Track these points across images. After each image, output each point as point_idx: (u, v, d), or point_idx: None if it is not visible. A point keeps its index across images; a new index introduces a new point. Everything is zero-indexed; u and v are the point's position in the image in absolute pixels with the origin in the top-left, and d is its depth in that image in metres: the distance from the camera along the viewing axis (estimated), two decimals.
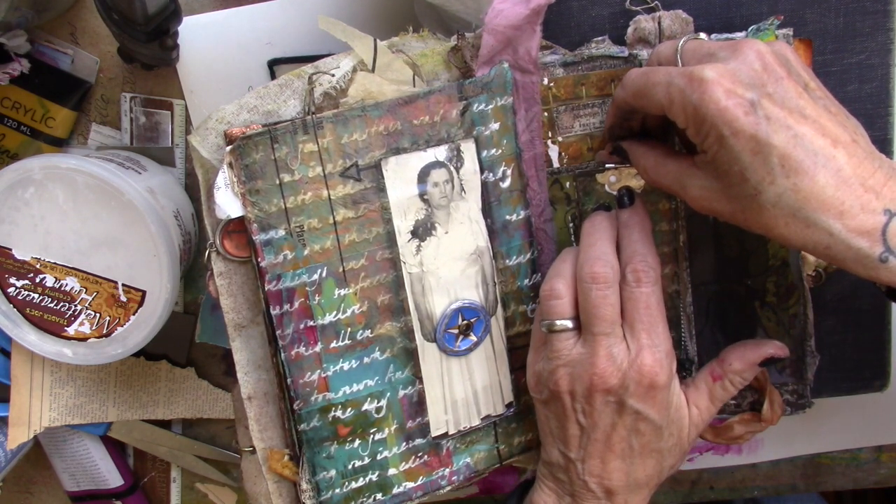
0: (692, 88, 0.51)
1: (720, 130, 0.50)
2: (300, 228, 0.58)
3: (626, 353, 0.57)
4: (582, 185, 0.65)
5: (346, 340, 0.61)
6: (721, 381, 0.61)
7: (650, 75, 0.54)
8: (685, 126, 0.53)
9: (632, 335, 0.57)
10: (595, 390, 0.57)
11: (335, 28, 0.60)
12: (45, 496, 0.82)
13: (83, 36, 0.70)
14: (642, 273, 0.57)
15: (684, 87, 0.51)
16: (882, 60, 0.67)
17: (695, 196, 0.54)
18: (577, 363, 0.58)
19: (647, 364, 0.56)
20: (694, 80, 0.51)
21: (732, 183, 0.52)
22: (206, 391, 0.76)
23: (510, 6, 0.59)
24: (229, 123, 0.59)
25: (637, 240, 0.59)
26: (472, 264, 0.63)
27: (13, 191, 0.63)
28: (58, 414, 0.74)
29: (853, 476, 0.81)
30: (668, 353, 0.57)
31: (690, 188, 0.55)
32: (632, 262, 0.57)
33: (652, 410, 0.57)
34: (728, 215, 0.53)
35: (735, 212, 0.53)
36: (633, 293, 0.57)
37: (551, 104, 0.64)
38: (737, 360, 0.61)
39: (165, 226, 0.64)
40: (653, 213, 0.63)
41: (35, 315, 0.66)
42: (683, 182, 0.55)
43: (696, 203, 0.55)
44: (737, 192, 0.52)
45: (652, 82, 0.54)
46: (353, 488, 0.63)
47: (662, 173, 0.57)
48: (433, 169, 0.61)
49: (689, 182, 0.55)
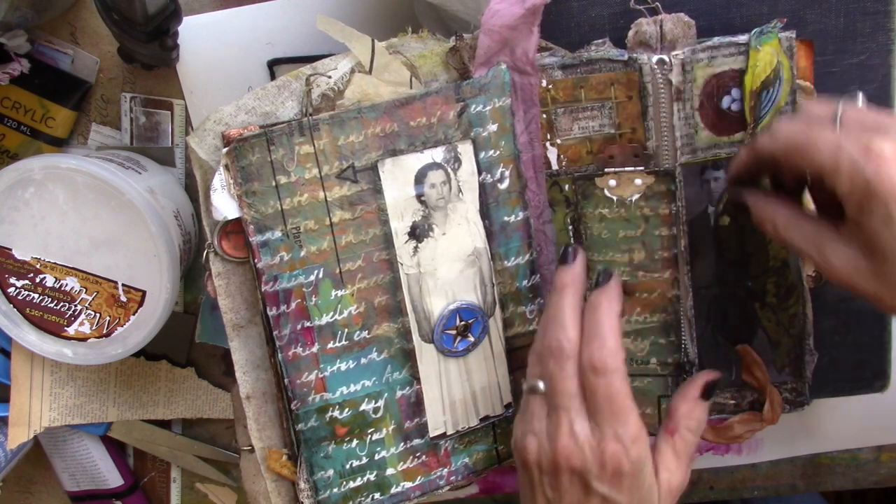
0: (868, 160, 0.49)
1: (891, 210, 0.49)
2: (297, 230, 0.58)
3: (590, 432, 0.55)
4: (581, 188, 0.65)
5: (344, 341, 0.61)
6: (677, 432, 0.59)
7: (815, 135, 0.52)
8: (847, 196, 0.50)
9: (594, 421, 0.55)
10: (559, 468, 0.55)
11: (333, 28, 0.60)
12: (45, 496, 0.82)
13: (83, 36, 0.70)
14: (598, 363, 0.54)
15: (857, 158, 0.49)
16: (883, 61, 0.66)
17: (836, 266, 0.53)
18: (543, 433, 0.56)
19: (610, 452, 0.54)
20: (872, 153, 0.49)
21: (888, 264, 0.50)
22: (205, 391, 0.76)
23: (506, 6, 0.59)
24: (227, 125, 0.59)
25: (600, 321, 0.56)
26: (469, 265, 0.63)
27: (13, 191, 0.63)
28: (58, 414, 0.74)
29: (853, 476, 0.81)
30: (634, 439, 0.55)
31: (832, 257, 0.53)
32: (589, 347, 0.55)
33: (620, 495, 0.55)
34: (871, 294, 0.52)
35: (881, 293, 0.51)
36: (590, 382, 0.55)
37: (550, 106, 0.63)
38: (680, 404, 0.60)
39: (165, 226, 0.64)
40: (652, 217, 0.63)
41: (35, 315, 0.66)
42: (823, 249, 0.53)
43: (836, 273, 0.53)
44: (891, 274, 0.50)
45: (816, 142, 0.52)
46: (351, 488, 0.63)
47: (797, 235, 0.55)
48: (430, 170, 0.61)
49: (830, 250, 0.53)
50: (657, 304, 0.65)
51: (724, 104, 0.64)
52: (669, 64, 0.63)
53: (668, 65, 0.63)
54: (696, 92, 0.63)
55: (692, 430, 0.58)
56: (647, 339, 0.66)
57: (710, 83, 0.64)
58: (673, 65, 0.62)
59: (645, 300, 0.65)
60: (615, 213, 0.64)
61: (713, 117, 0.64)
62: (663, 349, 0.66)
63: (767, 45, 0.63)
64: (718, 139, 0.64)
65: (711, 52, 0.63)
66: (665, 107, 0.63)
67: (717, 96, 0.64)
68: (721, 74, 0.63)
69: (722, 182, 0.66)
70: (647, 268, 0.65)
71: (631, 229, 0.64)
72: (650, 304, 0.65)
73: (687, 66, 0.63)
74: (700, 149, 0.64)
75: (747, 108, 0.64)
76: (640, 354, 0.66)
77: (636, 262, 0.65)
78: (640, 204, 0.64)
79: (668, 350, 0.66)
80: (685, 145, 0.64)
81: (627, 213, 0.64)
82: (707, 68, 0.63)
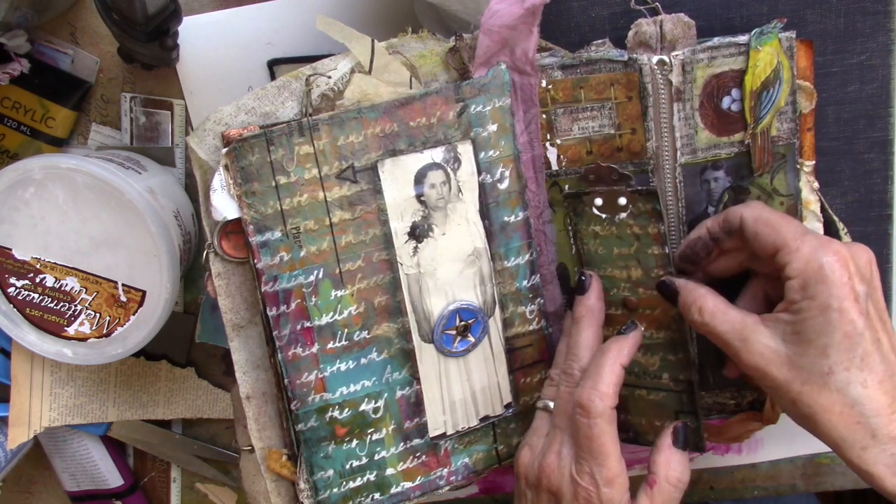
0: (826, 251, 0.54)
1: (829, 300, 0.53)
2: (297, 230, 0.58)
3: (573, 460, 0.58)
4: (571, 205, 0.65)
5: (344, 341, 0.61)
6: (657, 484, 0.58)
7: (786, 219, 0.57)
8: (796, 275, 0.54)
9: (578, 453, 0.57)
10: (541, 484, 0.59)
11: (333, 28, 0.60)
12: (45, 496, 0.82)
13: (83, 36, 0.70)
14: (585, 402, 0.57)
15: (819, 246, 0.54)
16: (883, 61, 0.66)
17: (755, 352, 0.55)
18: (538, 448, 0.60)
19: (583, 486, 0.56)
20: (831, 248, 0.54)
21: (808, 353, 0.53)
22: (205, 391, 0.76)
23: (506, 6, 0.59)
24: (227, 125, 0.59)
25: (602, 364, 0.58)
26: (469, 265, 0.63)
27: (13, 191, 0.63)
28: (58, 414, 0.74)
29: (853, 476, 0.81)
30: (609, 482, 0.56)
31: (753, 343, 0.55)
32: (584, 384, 0.58)
33: None
34: (780, 382, 0.54)
35: (792, 381, 0.54)
36: (575, 418, 0.57)
37: (550, 106, 0.63)
38: (657, 455, 0.59)
39: (165, 226, 0.64)
40: (643, 236, 0.63)
41: (35, 315, 0.66)
42: (746, 335, 0.56)
43: (752, 360, 0.55)
44: (808, 363, 0.53)
45: (787, 223, 0.56)
46: (350, 488, 0.63)
47: (722, 320, 0.57)
48: (430, 171, 0.61)
49: (752, 337, 0.55)
50: (661, 321, 0.64)
51: (725, 104, 0.64)
52: (669, 64, 0.63)
53: (668, 65, 0.63)
54: (696, 92, 0.63)
55: (672, 484, 0.58)
56: (656, 354, 0.65)
57: (711, 83, 0.64)
58: (673, 65, 0.63)
59: (649, 316, 0.64)
60: (607, 230, 0.64)
61: (713, 118, 0.64)
62: (674, 366, 0.65)
63: (767, 45, 0.63)
64: (718, 139, 0.65)
65: (711, 52, 0.63)
66: (665, 107, 0.63)
67: (718, 97, 0.64)
68: (721, 75, 0.63)
69: (722, 182, 0.66)
70: (646, 284, 0.64)
71: (624, 247, 0.64)
72: (655, 320, 0.64)
73: (687, 67, 0.63)
74: (700, 149, 0.64)
75: (747, 109, 0.64)
76: (653, 369, 0.65)
77: (634, 279, 0.64)
78: (629, 222, 0.63)
79: (678, 367, 0.64)
80: (685, 146, 0.64)
81: (619, 231, 0.64)
82: (707, 69, 0.63)
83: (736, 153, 0.65)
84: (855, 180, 0.69)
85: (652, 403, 0.66)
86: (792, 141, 0.66)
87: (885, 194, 0.69)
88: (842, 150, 0.68)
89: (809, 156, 0.67)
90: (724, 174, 0.65)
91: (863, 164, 0.69)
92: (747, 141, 0.64)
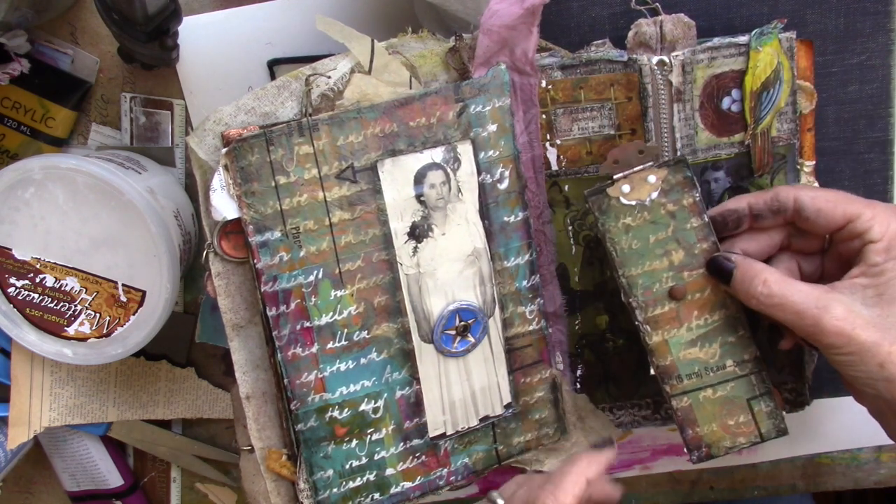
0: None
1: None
2: (296, 230, 0.58)
3: None
4: (596, 204, 0.62)
5: (343, 341, 0.61)
6: None
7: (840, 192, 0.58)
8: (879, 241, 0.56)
9: None
10: None
11: (333, 28, 0.60)
12: (45, 496, 0.82)
13: (83, 36, 0.70)
14: None
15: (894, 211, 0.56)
16: (883, 61, 0.66)
17: (839, 317, 0.54)
18: None
19: None
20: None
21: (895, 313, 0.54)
22: (205, 391, 0.76)
23: (506, 6, 0.59)
24: (227, 125, 0.59)
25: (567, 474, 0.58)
26: (469, 266, 0.63)
27: (13, 191, 0.63)
28: (58, 414, 0.74)
29: (853, 476, 0.81)
30: None
31: (834, 309, 0.54)
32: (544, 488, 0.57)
33: None
34: (869, 345, 0.54)
35: (881, 342, 0.54)
36: None
37: (549, 107, 0.63)
38: None
39: (165, 226, 0.64)
40: (678, 211, 0.62)
41: (35, 315, 0.66)
42: (823, 303, 0.55)
43: (836, 324, 0.54)
44: None
45: (845, 195, 0.58)
46: (350, 488, 0.63)
47: (794, 290, 0.56)
48: (429, 171, 0.61)
49: (831, 304, 0.55)
50: (713, 302, 0.62)
51: (725, 105, 0.64)
52: (669, 65, 0.63)
53: (669, 66, 0.63)
54: (697, 93, 0.63)
55: None
56: (714, 341, 0.63)
57: (711, 84, 0.64)
58: (673, 65, 0.63)
59: (699, 301, 0.62)
60: (639, 218, 0.62)
61: (713, 118, 0.64)
62: (735, 347, 0.63)
63: (768, 45, 0.63)
64: (718, 140, 0.65)
65: (712, 52, 0.63)
66: (665, 108, 0.63)
67: (718, 97, 0.64)
68: (721, 75, 0.64)
69: (722, 182, 0.66)
70: (690, 265, 0.62)
71: (660, 231, 0.62)
72: (706, 303, 0.62)
73: (687, 67, 0.63)
74: (700, 150, 0.64)
75: (747, 109, 0.64)
76: (713, 360, 0.63)
77: (677, 264, 0.62)
78: (661, 201, 0.62)
79: (740, 347, 0.63)
80: (685, 146, 0.64)
81: (652, 215, 0.62)
82: (707, 69, 0.63)
83: (736, 154, 0.65)
84: (855, 180, 0.69)
85: (721, 401, 0.63)
86: (792, 141, 0.66)
87: (885, 194, 0.69)
88: (842, 151, 0.68)
89: (809, 156, 0.67)
90: (724, 175, 0.65)
91: (863, 164, 0.69)
92: (747, 141, 0.64)
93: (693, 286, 0.62)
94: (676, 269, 0.62)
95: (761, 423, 0.63)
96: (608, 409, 0.70)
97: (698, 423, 0.63)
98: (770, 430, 0.64)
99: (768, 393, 0.63)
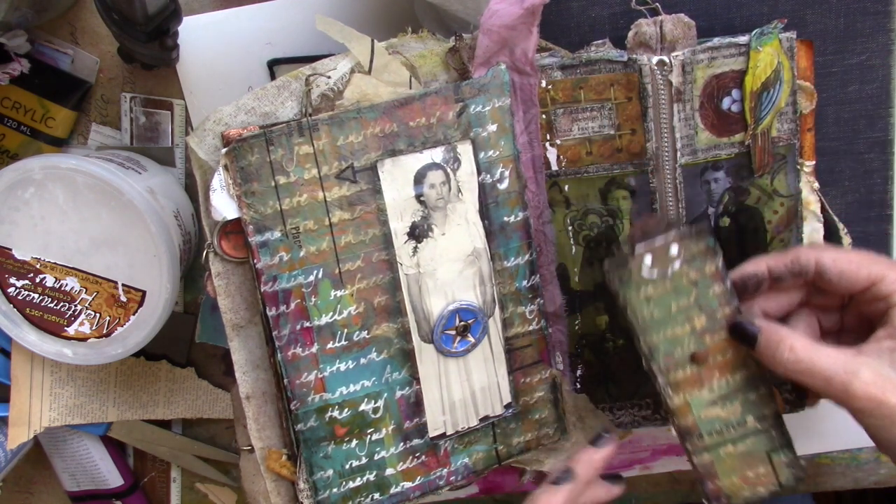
0: None
1: None
2: (296, 230, 0.58)
3: None
4: (616, 275, 0.60)
5: (343, 341, 0.61)
6: None
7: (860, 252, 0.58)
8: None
9: None
10: None
11: (333, 28, 0.60)
12: (45, 496, 0.82)
13: (83, 36, 0.70)
14: None
15: None
16: (883, 61, 0.66)
17: (869, 382, 0.53)
18: None
19: None
20: None
21: None
22: (205, 391, 0.76)
23: (505, 6, 0.59)
24: (227, 125, 0.59)
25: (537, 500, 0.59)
26: (469, 266, 0.63)
27: (13, 191, 0.63)
28: (58, 414, 0.74)
29: (853, 476, 0.81)
30: None
31: (864, 374, 0.53)
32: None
33: None
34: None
35: None
36: None
37: (549, 107, 0.63)
38: None
39: (165, 226, 0.64)
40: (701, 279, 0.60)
41: (35, 315, 0.66)
42: (852, 367, 0.54)
43: (867, 390, 0.53)
44: None
45: (867, 255, 0.58)
46: (350, 488, 0.63)
47: (821, 355, 0.55)
48: (429, 171, 0.61)
49: (861, 369, 0.54)
50: (735, 363, 0.61)
51: (725, 105, 0.64)
52: (669, 65, 0.63)
53: (668, 66, 0.63)
54: (697, 93, 0.63)
55: None
56: (735, 400, 0.61)
57: (711, 84, 0.64)
58: (673, 66, 0.63)
59: (721, 363, 0.61)
60: (660, 288, 0.60)
61: (713, 118, 0.64)
62: (756, 404, 0.62)
63: (768, 45, 0.63)
64: (718, 140, 0.65)
65: (712, 52, 0.63)
66: (665, 108, 0.63)
67: (718, 97, 0.64)
68: (721, 75, 0.63)
69: (722, 182, 0.66)
70: (712, 330, 0.61)
71: (682, 298, 0.60)
72: (727, 364, 0.61)
73: (687, 67, 0.63)
74: (700, 150, 0.64)
75: (748, 109, 0.64)
76: (734, 418, 0.62)
77: (699, 329, 0.61)
78: (684, 270, 0.60)
79: (761, 403, 0.62)
80: (685, 146, 0.64)
81: (673, 284, 0.60)
82: (707, 69, 0.63)
83: (736, 154, 0.65)
84: (855, 180, 0.69)
85: (741, 455, 0.62)
86: (792, 141, 0.66)
87: (885, 194, 0.69)
88: (842, 151, 0.68)
89: (810, 156, 0.67)
90: (724, 175, 0.65)
91: (863, 165, 0.69)
92: (747, 141, 0.64)
93: (715, 349, 0.61)
94: (698, 334, 0.61)
95: (780, 473, 0.63)
96: (608, 409, 0.70)
97: (718, 476, 0.62)
98: (789, 479, 0.63)
99: (788, 445, 0.62)
